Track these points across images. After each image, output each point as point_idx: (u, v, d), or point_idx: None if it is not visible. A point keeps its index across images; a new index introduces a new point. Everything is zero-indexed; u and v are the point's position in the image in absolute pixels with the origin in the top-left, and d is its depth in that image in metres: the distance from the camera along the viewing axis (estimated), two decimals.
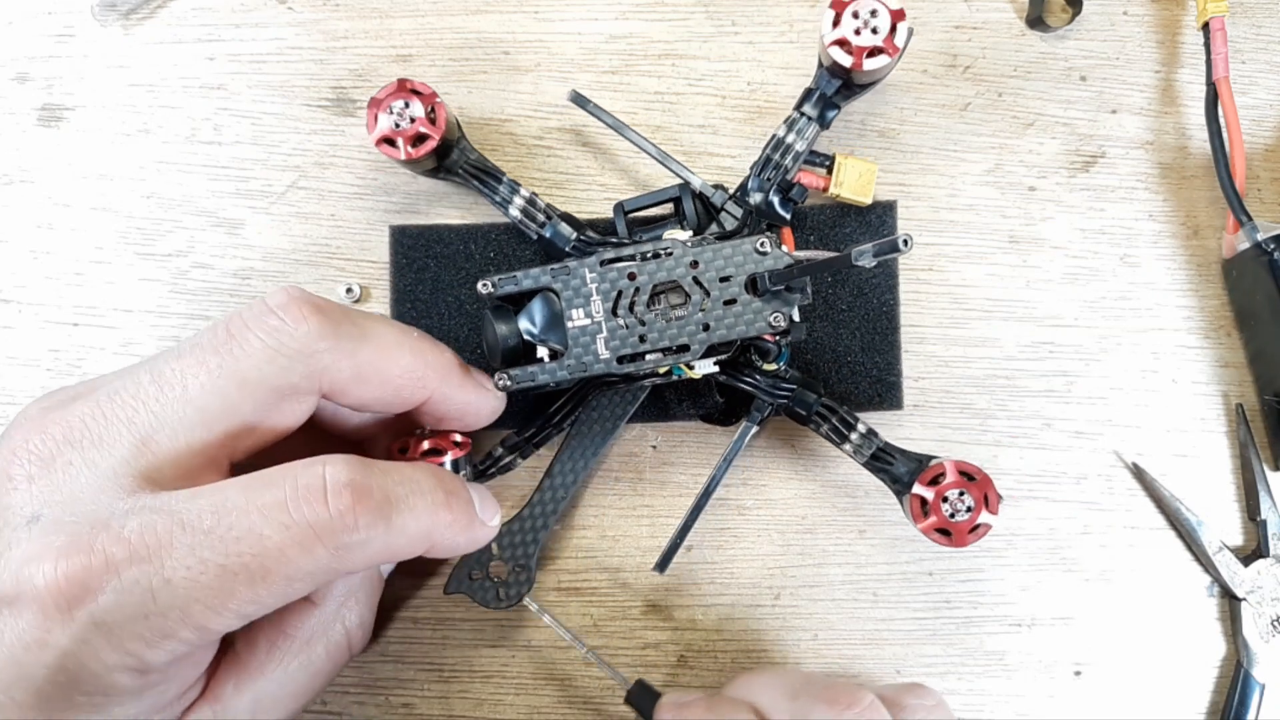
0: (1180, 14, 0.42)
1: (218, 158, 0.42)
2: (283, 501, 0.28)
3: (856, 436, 0.37)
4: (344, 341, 0.31)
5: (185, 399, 0.29)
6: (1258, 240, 0.38)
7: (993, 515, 0.34)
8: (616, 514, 0.41)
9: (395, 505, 0.29)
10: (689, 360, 0.35)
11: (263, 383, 0.29)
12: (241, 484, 0.28)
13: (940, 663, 0.41)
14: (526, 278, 0.35)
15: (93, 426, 0.28)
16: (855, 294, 0.40)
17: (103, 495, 0.28)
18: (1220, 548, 0.40)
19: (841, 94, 0.37)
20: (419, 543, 0.31)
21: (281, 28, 0.42)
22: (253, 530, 0.27)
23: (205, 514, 0.27)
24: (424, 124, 0.37)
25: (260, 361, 0.29)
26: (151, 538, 0.27)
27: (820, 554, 0.41)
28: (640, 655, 0.41)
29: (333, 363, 0.30)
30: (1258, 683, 0.40)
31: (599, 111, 0.39)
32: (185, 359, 0.29)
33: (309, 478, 0.28)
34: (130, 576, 0.26)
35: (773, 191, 0.38)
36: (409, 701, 0.41)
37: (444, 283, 0.40)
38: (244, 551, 0.27)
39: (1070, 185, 0.41)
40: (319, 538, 0.28)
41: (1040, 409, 0.41)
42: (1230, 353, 0.41)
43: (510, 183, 0.39)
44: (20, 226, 0.42)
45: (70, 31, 0.42)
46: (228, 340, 0.29)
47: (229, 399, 0.29)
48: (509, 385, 0.35)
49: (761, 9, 0.42)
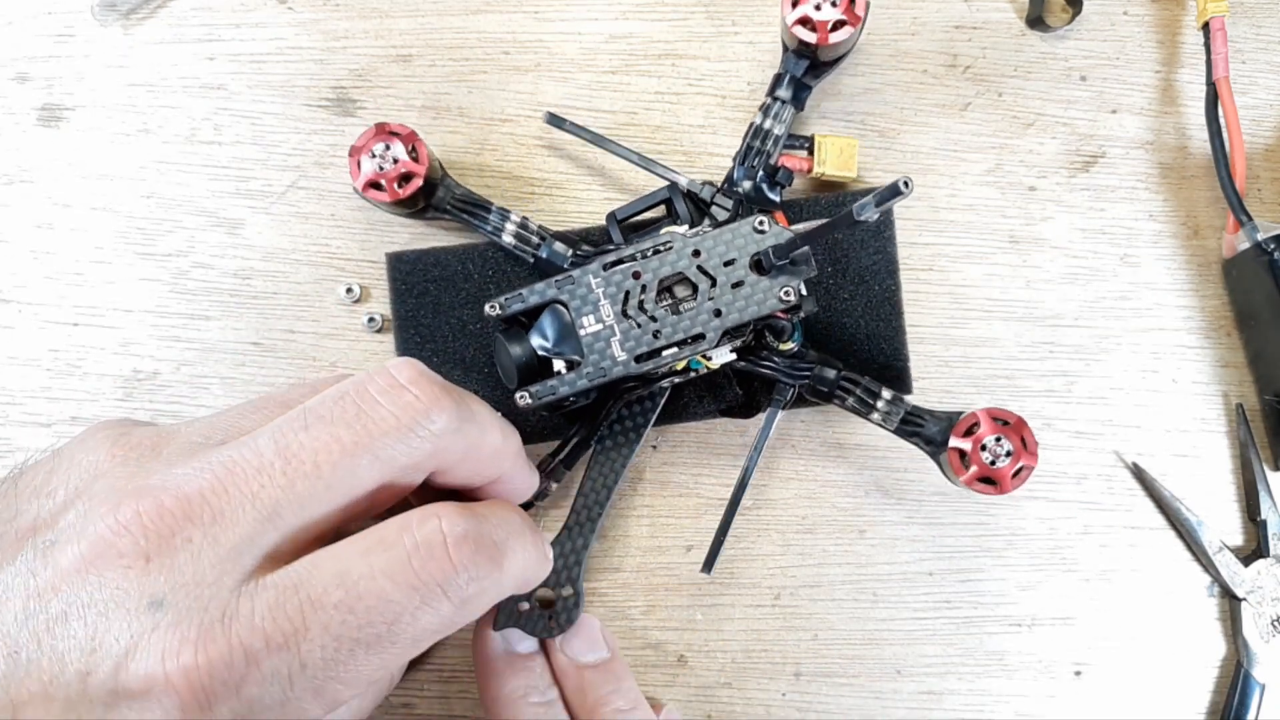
0: (1180, 14, 0.42)
1: (218, 158, 0.42)
2: (405, 561, 0.27)
3: (883, 404, 0.37)
4: (465, 424, 0.30)
5: (316, 475, 0.27)
6: (1258, 240, 0.38)
7: (1032, 459, 0.35)
8: (616, 514, 0.41)
9: (504, 550, 0.29)
10: (706, 350, 0.35)
11: (393, 462, 0.28)
12: (359, 548, 0.27)
13: (940, 663, 0.41)
14: (533, 294, 0.35)
15: (213, 501, 0.26)
16: (856, 282, 0.40)
17: (226, 578, 0.26)
18: (1220, 548, 0.40)
19: (810, 74, 0.38)
20: (521, 584, 0.31)
21: (281, 28, 0.42)
22: (382, 597, 0.26)
23: (331, 588, 0.26)
24: (407, 164, 0.37)
25: (394, 440, 0.28)
26: (285, 623, 0.25)
27: (820, 554, 0.41)
28: (640, 655, 0.41)
29: (452, 444, 0.30)
30: (1258, 683, 0.40)
31: (577, 130, 0.39)
32: (314, 430, 0.28)
33: (426, 532, 0.27)
34: (270, 667, 0.25)
35: (759, 178, 0.38)
36: (409, 701, 0.41)
37: (445, 305, 0.40)
38: (376, 621, 0.26)
39: (1070, 185, 0.41)
40: (445, 594, 0.27)
41: (1040, 409, 0.41)
42: (1230, 353, 0.41)
43: (500, 210, 0.39)
44: (20, 226, 0.42)
45: (70, 31, 0.42)
46: (360, 415, 0.28)
47: (358, 476, 0.28)
48: (531, 403, 0.34)
49: (761, 9, 0.42)
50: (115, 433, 0.29)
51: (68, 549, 0.26)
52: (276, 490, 0.27)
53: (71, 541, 0.26)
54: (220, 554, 0.26)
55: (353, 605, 0.26)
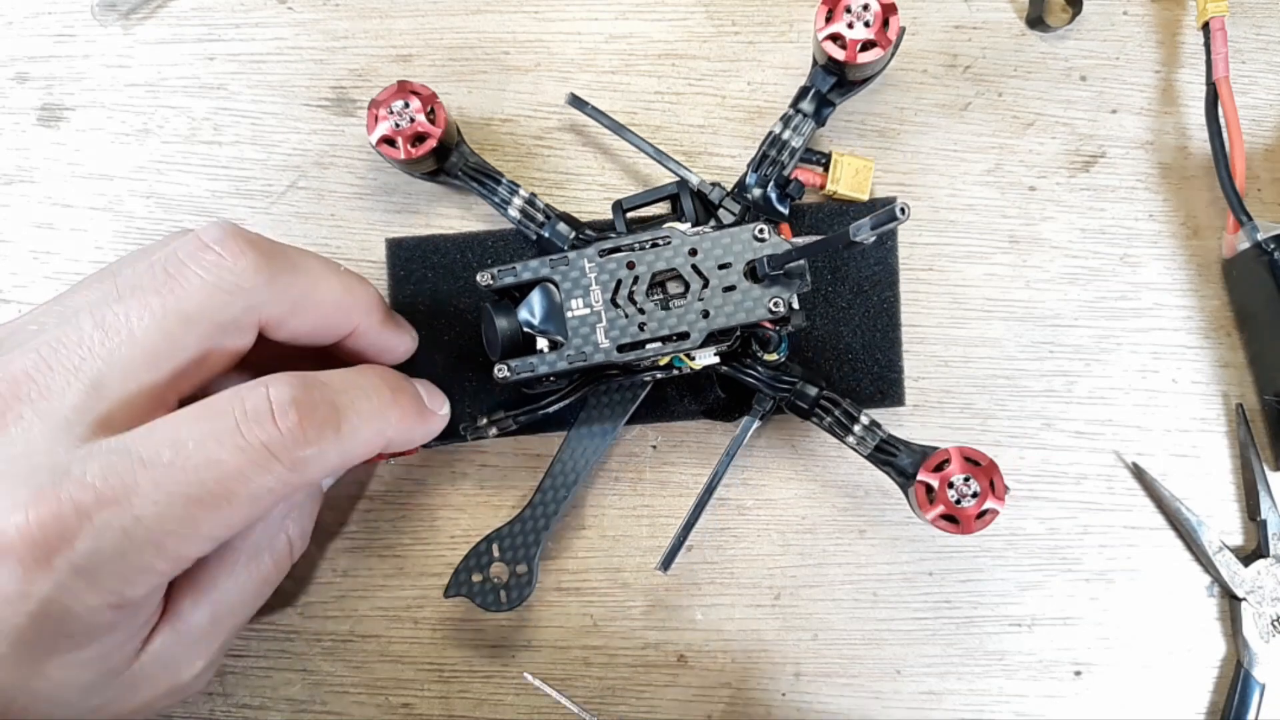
0: (1180, 14, 0.42)
1: (218, 158, 0.42)
2: (234, 426, 0.28)
3: (860, 429, 0.37)
4: (280, 275, 0.31)
5: (132, 342, 0.29)
6: (1258, 240, 0.38)
7: (999, 502, 0.34)
8: (616, 514, 0.41)
9: (343, 413, 0.30)
10: (689, 349, 0.35)
11: (205, 319, 0.30)
12: (191, 415, 0.29)
13: (940, 663, 0.41)
14: (525, 269, 0.35)
15: (39, 379, 0.28)
16: (855, 291, 0.40)
17: (58, 445, 0.28)
18: (1220, 548, 0.40)
19: (836, 90, 0.38)
20: (374, 443, 0.32)
21: (281, 28, 0.42)
22: (210, 458, 0.28)
23: (163, 449, 0.28)
24: (423, 124, 0.37)
25: (202, 299, 0.29)
26: (115, 480, 0.27)
27: (820, 554, 0.41)
28: (640, 655, 0.41)
29: (270, 296, 0.31)
30: (1258, 683, 0.40)
31: (597, 114, 0.39)
32: (127, 301, 0.29)
33: (254, 400, 0.29)
34: (102, 520, 0.27)
35: (770, 187, 0.38)
36: (409, 701, 0.41)
37: (443, 293, 0.40)
38: (205, 479, 0.28)
39: (1070, 185, 0.42)
40: (275, 456, 0.28)
41: (1040, 409, 0.41)
42: (1230, 353, 0.41)
43: (509, 184, 0.39)
44: (20, 226, 0.42)
45: (70, 31, 0.42)
46: (167, 279, 0.29)
47: (174, 338, 0.29)
48: (508, 376, 0.35)
49: (761, 9, 0.42)
50: None
51: None
52: (98, 362, 0.28)
53: None
54: (50, 426, 0.28)
55: (183, 464, 0.28)
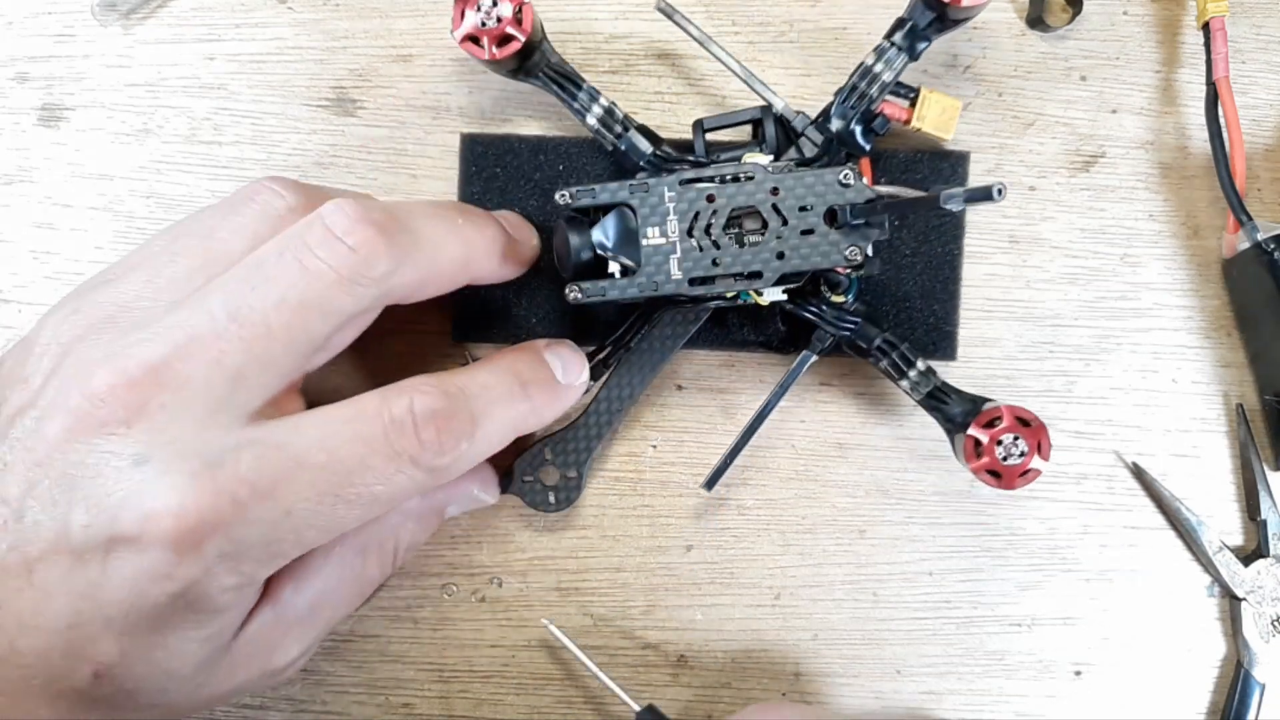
0: (1180, 14, 0.42)
1: (218, 158, 0.42)
2: (382, 434, 0.30)
3: (915, 374, 0.37)
4: (407, 258, 0.31)
5: (270, 336, 0.29)
6: (1258, 240, 0.38)
7: (1044, 461, 0.35)
8: (617, 514, 0.41)
9: (478, 420, 0.32)
10: (760, 287, 0.35)
11: (340, 313, 0.30)
12: (341, 417, 0.30)
13: (940, 663, 0.41)
14: (604, 191, 0.35)
15: (178, 367, 0.28)
16: (920, 240, 0.40)
17: (206, 434, 0.28)
18: (1220, 548, 0.40)
19: (934, 26, 0.36)
20: (507, 437, 0.34)
21: (281, 28, 0.42)
22: (363, 463, 0.29)
23: (315, 450, 0.29)
24: (510, 24, 0.36)
25: (337, 293, 0.30)
26: (269, 474, 0.28)
27: (820, 554, 0.41)
28: (640, 655, 0.41)
29: (399, 281, 0.31)
30: (1258, 683, 0.40)
31: (686, 23, 0.38)
32: (260, 292, 0.29)
33: (400, 409, 0.30)
34: (255, 513, 0.28)
35: (855, 120, 0.37)
36: (409, 701, 0.41)
37: (511, 193, 0.40)
38: (355, 481, 0.29)
39: (1070, 185, 0.41)
40: (415, 464, 0.30)
41: (1040, 409, 0.41)
42: (1230, 353, 0.41)
43: (590, 89, 0.38)
44: (20, 226, 0.42)
45: (70, 31, 0.42)
46: (302, 273, 0.29)
47: (310, 330, 0.30)
48: (580, 298, 0.35)
49: (761, 9, 0.42)
50: (68, 310, 0.31)
51: (53, 423, 0.28)
52: (237, 354, 0.29)
53: (55, 416, 0.28)
54: (197, 415, 0.28)
55: (334, 467, 0.29)
